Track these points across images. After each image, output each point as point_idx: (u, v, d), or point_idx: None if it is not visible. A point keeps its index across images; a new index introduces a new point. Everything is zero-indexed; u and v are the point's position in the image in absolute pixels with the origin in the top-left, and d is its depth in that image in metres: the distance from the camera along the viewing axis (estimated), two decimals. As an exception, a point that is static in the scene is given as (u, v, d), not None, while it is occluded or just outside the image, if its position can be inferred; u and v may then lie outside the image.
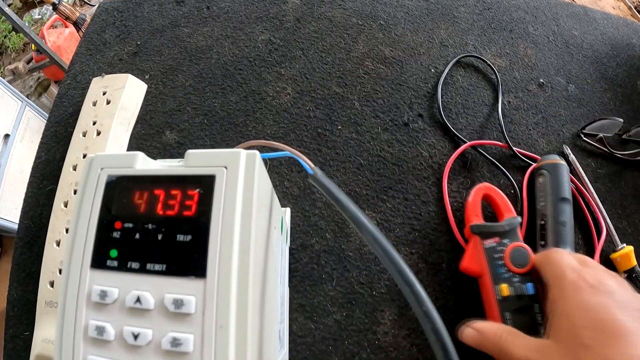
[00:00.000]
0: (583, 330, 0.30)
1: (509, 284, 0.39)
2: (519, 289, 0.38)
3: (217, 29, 0.66)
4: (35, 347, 0.44)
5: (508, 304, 0.38)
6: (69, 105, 0.60)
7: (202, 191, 0.24)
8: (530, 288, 0.39)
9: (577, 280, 0.33)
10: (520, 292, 0.38)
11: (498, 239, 0.41)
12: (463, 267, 0.43)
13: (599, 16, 0.71)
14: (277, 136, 0.56)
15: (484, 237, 0.42)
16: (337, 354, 0.43)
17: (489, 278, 0.40)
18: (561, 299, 0.33)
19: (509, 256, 0.40)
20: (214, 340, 0.22)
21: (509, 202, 0.46)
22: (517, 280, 0.39)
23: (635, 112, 0.60)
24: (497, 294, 0.39)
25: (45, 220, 0.50)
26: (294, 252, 0.48)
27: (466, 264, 0.42)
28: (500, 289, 0.39)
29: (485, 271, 0.41)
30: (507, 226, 0.42)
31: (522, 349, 0.32)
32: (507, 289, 0.39)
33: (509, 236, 0.42)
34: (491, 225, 0.43)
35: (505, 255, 0.40)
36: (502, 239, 0.41)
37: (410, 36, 0.65)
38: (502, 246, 0.41)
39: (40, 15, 2.47)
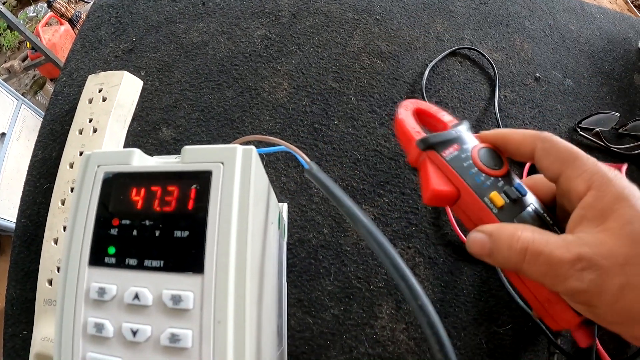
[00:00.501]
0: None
1: (498, 190, 0.31)
2: (511, 192, 0.30)
3: (213, 24, 0.66)
4: (35, 346, 0.44)
5: (507, 215, 0.30)
6: (65, 103, 0.60)
7: (199, 187, 0.24)
8: (521, 187, 0.31)
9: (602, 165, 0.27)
10: (515, 196, 0.30)
11: (457, 145, 0.32)
12: (433, 193, 0.31)
13: (596, 10, 0.71)
14: (274, 131, 0.56)
15: (441, 149, 0.32)
16: (335, 348, 0.44)
17: (471, 193, 0.31)
18: (604, 185, 0.25)
19: (480, 159, 0.32)
20: (212, 335, 0.22)
21: (445, 112, 0.37)
22: (502, 184, 0.31)
23: (632, 106, 0.60)
24: (490, 207, 0.30)
25: (43, 219, 0.50)
26: (291, 247, 0.48)
27: (436, 187, 0.31)
28: (491, 199, 0.30)
29: (462, 186, 0.31)
30: (458, 131, 0.33)
31: (564, 247, 0.24)
32: (500, 197, 0.30)
33: (467, 141, 0.33)
34: (444, 134, 0.33)
35: (474, 160, 0.32)
36: (461, 145, 0.33)
37: (407, 31, 0.65)
38: (465, 152, 0.32)
39: (35, 13, 2.45)
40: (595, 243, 0.24)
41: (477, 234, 0.29)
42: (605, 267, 0.23)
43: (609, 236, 0.24)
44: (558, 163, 0.28)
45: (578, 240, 0.24)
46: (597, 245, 0.24)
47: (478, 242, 0.28)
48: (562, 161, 0.28)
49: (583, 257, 0.23)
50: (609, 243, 0.23)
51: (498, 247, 0.27)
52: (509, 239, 0.26)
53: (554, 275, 0.24)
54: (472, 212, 0.31)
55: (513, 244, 0.26)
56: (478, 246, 0.28)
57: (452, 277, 0.47)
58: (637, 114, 0.59)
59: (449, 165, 0.31)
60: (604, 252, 0.23)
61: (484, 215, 0.30)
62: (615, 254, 0.23)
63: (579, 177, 0.26)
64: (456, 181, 0.31)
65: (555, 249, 0.24)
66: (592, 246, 0.24)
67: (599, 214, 0.25)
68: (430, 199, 0.31)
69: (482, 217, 0.31)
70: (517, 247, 0.26)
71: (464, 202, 0.31)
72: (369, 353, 0.43)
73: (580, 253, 0.23)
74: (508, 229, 0.27)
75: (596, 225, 0.25)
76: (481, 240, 0.28)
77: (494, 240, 0.27)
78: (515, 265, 0.26)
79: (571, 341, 0.44)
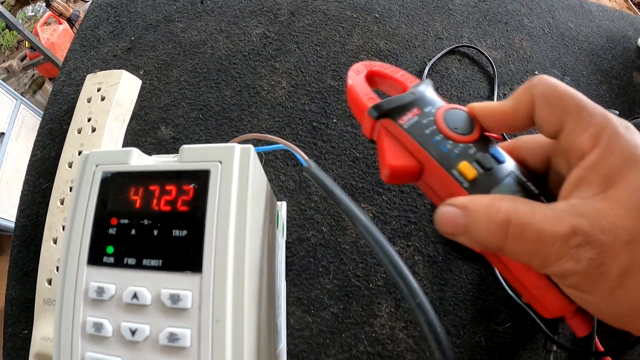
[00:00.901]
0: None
1: (468, 160, 0.25)
2: (485, 160, 0.25)
3: (211, 23, 0.65)
4: (34, 345, 0.44)
5: (481, 188, 0.24)
6: (63, 102, 0.60)
7: (197, 186, 0.24)
8: (498, 153, 0.25)
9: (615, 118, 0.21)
10: (490, 164, 0.24)
11: (417, 109, 0.27)
12: (391, 169, 0.26)
13: (595, 8, 0.71)
14: (273, 130, 0.56)
15: (397, 117, 0.26)
16: (334, 346, 0.44)
17: (436, 165, 0.25)
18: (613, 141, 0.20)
19: (445, 124, 0.26)
20: (211, 334, 0.22)
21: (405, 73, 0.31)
22: (474, 151, 0.25)
23: (631, 104, 0.60)
24: (460, 180, 0.24)
25: (42, 218, 0.50)
26: (290, 245, 0.48)
27: (393, 162, 0.26)
28: (460, 171, 0.24)
29: (425, 158, 0.25)
30: (419, 92, 0.28)
31: (555, 218, 0.19)
32: (470, 167, 0.24)
33: (429, 103, 0.27)
34: (400, 97, 0.27)
35: (439, 125, 0.26)
36: (422, 108, 0.27)
37: (405, 29, 0.65)
38: (427, 116, 0.26)
39: (33, 12, 2.45)
40: (594, 213, 0.19)
41: (448, 208, 0.23)
42: (607, 244, 0.18)
43: (612, 205, 0.19)
44: (560, 112, 0.22)
45: (572, 209, 0.20)
46: (596, 216, 0.19)
47: (449, 217, 0.23)
48: (565, 110, 0.22)
49: (579, 230, 0.19)
50: (610, 214, 0.19)
51: (474, 221, 0.22)
52: (486, 210, 0.21)
53: (544, 254, 0.19)
54: (440, 188, 0.26)
55: (492, 216, 0.21)
56: (450, 222, 0.23)
57: (451, 275, 0.47)
58: (637, 112, 0.59)
59: (407, 134, 0.26)
60: (605, 225, 0.19)
61: (453, 190, 0.25)
62: (618, 228, 0.18)
63: (586, 132, 0.21)
64: (417, 152, 0.26)
65: (544, 220, 0.20)
66: (589, 217, 0.19)
67: (603, 177, 0.20)
68: (389, 176, 0.26)
69: (451, 193, 0.25)
70: (498, 219, 0.21)
71: (428, 177, 0.26)
72: (368, 351, 0.43)
73: (575, 225, 0.19)
74: (485, 200, 0.22)
75: (598, 191, 0.20)
76: (453, 215, 0.23)
77: (468, 214, 0.22)
78: (496, 243, 0.21)
79: (570, 339, 0.44)
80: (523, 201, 0.21)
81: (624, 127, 0.21)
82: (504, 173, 0.25)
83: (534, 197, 0.24)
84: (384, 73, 0.31)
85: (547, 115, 0.23)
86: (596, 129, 0.21)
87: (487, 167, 0.24)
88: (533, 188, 0.24)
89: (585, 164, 0.21)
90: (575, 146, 0.22)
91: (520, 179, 0.25)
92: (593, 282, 0.19)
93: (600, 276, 0.18)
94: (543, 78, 0.24)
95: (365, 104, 0.28)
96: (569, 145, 0.22)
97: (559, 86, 0.23)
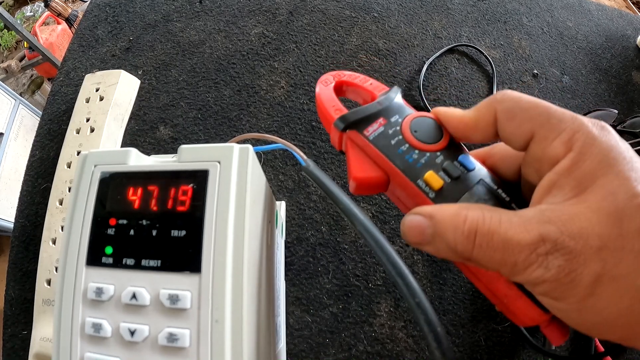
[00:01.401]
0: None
1: (434, 169, 0.24)
2: (452, 169, 0.24)
3: (210, 23, 0.65)
4: (34, 346, 0.44)
5: (448, 197, 0.24)
6: (62, 103, 0.60)
7: (196, 186, 0.24)
8: (467, 161, 0.25)
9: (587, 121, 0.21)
10: (457, 173, 0.24)
11: (382, 119, 0.26)
12: (356, 181, 0.26)
13: (594, 7, 0.71)
14: (271, 130, 0.55)
15: (362, 128, 0.26)
16: (334, 346, 0.44)
17: (401, 176, 0.25)
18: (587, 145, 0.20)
19: (411, 132, 0.26)
20: (210, 334, 0.22)
21: (375, 81, 0.31)
22: (442, 160, 0.25)
23: (630, 103, 0.60)
24: (425, 191, 0.24)
25: (41, 219, 0.50)
26: (289, 245, 0.48)
27: (358, 174, 0.26)
28: (426, 181, 0.24)
29: (390, 169, 0.25)
30: (386, 101, 0.27)
31: (522, 225, 0.19)
32: (436, 177, 0.24)
33: (396, 112, 0.27)
34: (366, 107, 0.27)
35: (405, 135, 0.26)
36: (388, 118, 0.27)
37: (404, 28, 0.64)
38: (393, 126, 0.26)
39: (32, 13, 2.45)
40: (563, 219, 0.18)
41: (414, 217, 0.22)
42: (577, 251, 0.18)
43: (583, 210, 0.18)
44: (527, 123, 0.22)
45: (540, 215, 0.19)
46: (566, 221, 0.18)
47: (415, 226, 0.22)
48: (531, 120, 0.22)
49: (547, 237, 0.18)
50: (581, 219, 0.18)
51: (440, 231, 0.21)
52: (453, 219, 0.21)
53: (511, 263, 0.19)
54: (406, 199, 0.26)
55: (458, 226, 0.20)
56: (416, 232, 0.22)
57: (451, 275, 0.47)
58: (636, 111, 0.59)
59: (373, 145, 0.26)
60: (574, 230, 0.18)
61: (419, 200, 0.24)
62: (589, 234, 0.18)
63: (557, 139, 0.21)
64: (382, 163, 0.25)
65: (511, 228, 0.19)
66: (558, 223, 0.18)
67: (576, 182, 0.19)
68: (355, 188, 0.26)
69: (417, 203, 0.24)
70: (465, 229, 0.20)
71: (395, 187, 0.26)
72: (367, 351, 0.43)
73: (543, 233, 0.18)
74: (452, 209, 0.21)
75: (569, 196, 0.19)
76: (419, 224, 0.22)
77: (435, 223, 0.21)
78: (464, 253, 0.20)
79: (569, 337, 0.44)
80: (491, 209, 0.21)
81: (598, 127, 0.20)
82: (473, 181, 0.24)
83: (504, 205, 0.23)
84: (352, 82, 0.31)
85: (513, 129, 0.22)
86: (568, 134, 0.20)
87: (455, 175, 0.24)
88: (504, 195, 0.24)
89: (558, 169, 0.20)
90: (547, 155, 0.21)
91: (490, 187, 0.24)
92: (564, 290, 0.18)
93: (571, 283, 0.18)
94: (506, 93, 0.23)
95: (332, 116, 0.28)
96: (540, 155, 0.21)
97: (522, 99, 0.22)
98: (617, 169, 0.19)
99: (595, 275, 0.18)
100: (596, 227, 0.18)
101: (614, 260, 0.17)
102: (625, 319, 0.18)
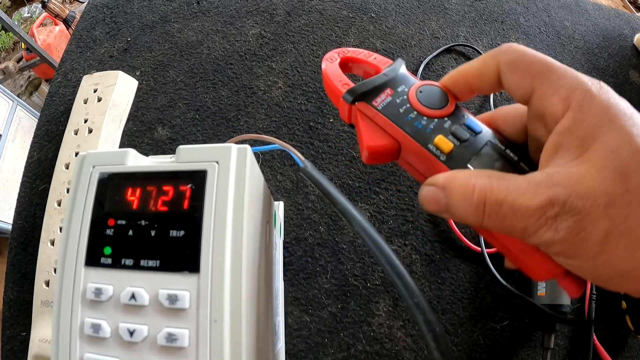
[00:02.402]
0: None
1: (443, 133, 0.25)
2: (460, 132, 0.25)
3: (208, 23, 0.65)
4: (33, 348, 0.44)
5: (458, 160, 0.24)
6: (60, 104, 0.60)
7: (194, 186, 0.24)
8: (474, 124, 0.26)
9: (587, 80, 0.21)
10: (466, 136, 0.25)
11: (389, 90, 0.27)
12: (369, 150, 0.27)
13: (591, 7, 0.71)
14: (269, 130, 0.56)
15: (371, 99, 0.27)
16: (332, 346, 0.44)
17: (412, 142, 0.26)
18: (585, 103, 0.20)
19: (418, 100, 0.27)
20: (209, 334, 0.22)
21: (378, 55, 0.31)
22: (449, 125, 0.26)
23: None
24: (436, 155, 0.25)
25: (39, 220, 0.50)
26: (287, 245, 0.48)
27: (370, 143, 0.27)
28: (436, 145, 0.25)
29: (401, 136, 0.26)
30: (391, 72, 0.28)
31: (530, 191, 0.19)
32: (446, 140, 0.25)
33: (402, 82, 0.28)
34: (373, 79, 0.28)
35: (412, 103, 0.27)
36: (395, 88, 0.28)
37: (401, 28, 0.65)
38: (400, 95, 0.27)
39: (29, 14, 2.44)
40: (571, 180, 0.19)
41: (429, 188, 0.23)
42: (585, 210, 0.18)
43: (589, 170, 0.19)
44: (529, 78, 0.22)
45: (548, 179, 0.19)
46: (573, 183, 0.19)
47: (431, 197, 0.23)
48: (533, 75, 0.22)
49: (555, 200, 0.18)
50: (587, 178, 0.18)
51: (453, 201, 0.22)
52: (462, 190, 0.21)
53: (521, 229, 0.20)
54: (418, 164, 0.27)
55: (468, 197, 0.21)
56: (432, 202, 0.23)
57: (449, 274, 0.47)
58: (632, 110, 0.59)
59: (382, 114, 0.26)
60: (582, 190, 0.18)
61: (431, 164, 0.25)
62: (596, 193, 0.18)
63: (556, 95, 0.21)
64: (393, 131, 0.26)
65: (519, 195, 0.19)
66: (566, 185, 0.19)
67: (579, 141, 0.20)
68: (368, 157, 0.27)
69: (429, 168, 0.26)
70: (474, 200, 0.21)
71: (406, 154, 0.27)
72: (366, 350, 0.44)
73: (552, 196, 0.19)
74: (461, 178, 0.22)
75: (574, 156, 0.20)
76: (434, 195, 0.23)
77: (447, 195, 0.22)
78: (475, 221, 0.21)
79: (568, 336, 0.44)
80: (499, 176, 0.21)
81: (597, 87, 0.20)
82: (481, 143, 0.25)
83: (513, 165, 0.24)
84: (356, 58, 0.31)
85: (516, 81, 0.23)
86: (566, 91, 0.21)
87: (464, 138, 0.25)
88: (512, 155, 0.25)
89: (559, 129, 0.21)
90: (547, 110, 0.21)
91: (498, 147, 0.25)
92: (575, 249, 0.19)
93: (582, 242, 0.18)
94: (511, 46, 0.24)
95: (339, 90, 0.28)
96: (540, 110, 0.22)
97: (527, 52, 0.23)
98: (618, 125, 0.19)
99: (605, 232, 0.18)
100: (602, 185, 0.18)
101: (622, 216, 0.18)
102: (639, 272, 0.18)
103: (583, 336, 0.44)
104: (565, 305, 0.42)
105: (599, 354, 0.43)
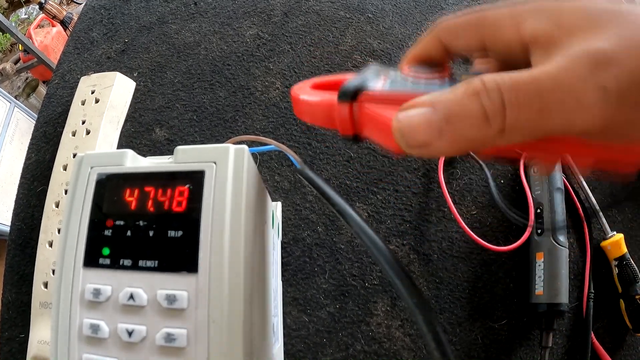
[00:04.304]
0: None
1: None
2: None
3: (205, 24, 0.66)
4: (32, 349, 0.44)
5: None
6: (57, 105, 0.60)
7: (192, 187, 0.24)
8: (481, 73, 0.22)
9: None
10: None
11: (383, 76, 0.25)
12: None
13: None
14: (267, 131, 0.56)
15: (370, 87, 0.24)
16: (331, 346, 0.44)
17: None
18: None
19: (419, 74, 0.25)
20: (207, 334, 0.22)
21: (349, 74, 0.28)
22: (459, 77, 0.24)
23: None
24: None
25: (37, 222, 0.50)
26: (285, 245, 0.48)
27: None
28: None
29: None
30: (372, 67, 0.26)
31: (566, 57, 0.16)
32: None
33: (388, 70, 0.26)
34: (360, 75, 0.25)
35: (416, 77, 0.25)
36: (386, 74, 0.25)
37: (399, 29, 0.65)
38: (397, 75, 0.25)
39: (26, 15, 2.44)
40: (608, 35, 0.16)
41: (412, 111, 0.18)
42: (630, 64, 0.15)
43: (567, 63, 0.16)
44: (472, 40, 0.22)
45: (584, 40, 0.16)
46: (611, 37, 0.16)
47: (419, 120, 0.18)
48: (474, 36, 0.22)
49: (599, 51, 0.16)
50: (627, 31, 0.16)
51: (453, 113, 0.17)
52: (464, 92, 0.17)
53: (559, 101, 0.16)
54: None
55: (475, 92, 0.17)
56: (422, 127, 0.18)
57: (447, 274, 0.47)
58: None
59: (394, 91, 0.23)
60: (623, 44, 0.16)
61: None
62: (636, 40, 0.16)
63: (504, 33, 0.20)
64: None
65: (542, 70, 0.16)
66: (602, 39, 0.16)
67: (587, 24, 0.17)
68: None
69: None
70: (484, 94, 0.17)
71: None
72: (365, 350, 0.44)
73: (591, 49, 0.16)
74: (456, 88, 0.18)
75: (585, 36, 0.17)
76: (423, 117, 0.18)
77: (442, 108, 0.17)
78: (492, 124, 0.17)
79: (566, 335, 0.45)
80: (503, 75, 0.17)
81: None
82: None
83: None
84: (331, 81, 0.28)
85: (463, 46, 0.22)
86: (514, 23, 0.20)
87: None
88: None
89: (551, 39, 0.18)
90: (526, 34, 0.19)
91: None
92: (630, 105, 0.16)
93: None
94: (442, 19, 0.23)
95: (330, 99, 0.25)
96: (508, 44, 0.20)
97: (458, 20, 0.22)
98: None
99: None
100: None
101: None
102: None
103: (581, 335, 0.44)
104: (563, 303, 0.42)
105: (598, 353, 0.43)
